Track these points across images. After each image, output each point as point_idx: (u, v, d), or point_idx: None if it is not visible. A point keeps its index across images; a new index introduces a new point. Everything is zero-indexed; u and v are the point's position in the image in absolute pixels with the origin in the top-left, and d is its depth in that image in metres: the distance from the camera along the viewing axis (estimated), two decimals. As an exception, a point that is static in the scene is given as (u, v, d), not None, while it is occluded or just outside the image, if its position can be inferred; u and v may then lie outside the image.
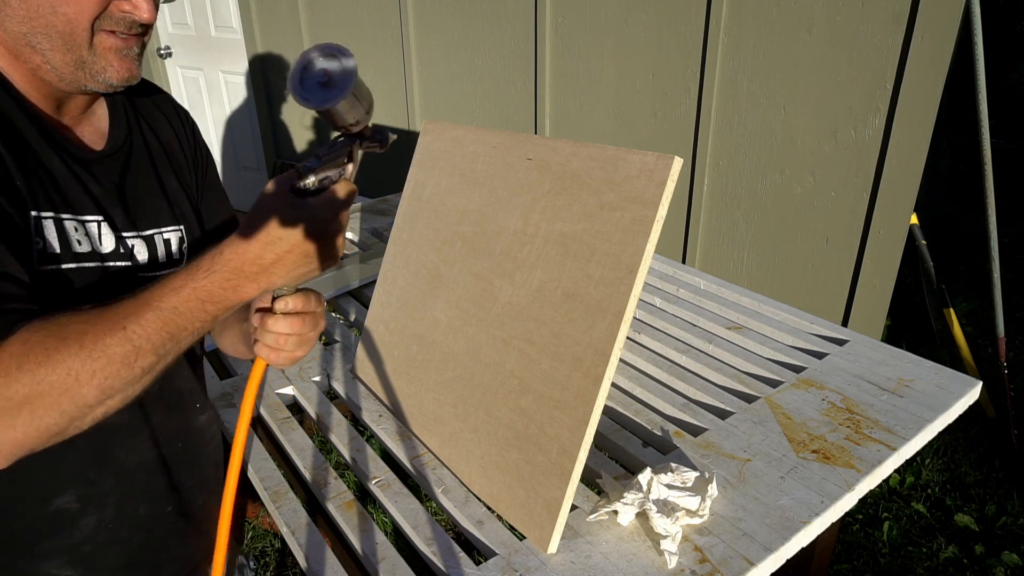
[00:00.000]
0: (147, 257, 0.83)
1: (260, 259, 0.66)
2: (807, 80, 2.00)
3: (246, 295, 0.68)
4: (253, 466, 1.13)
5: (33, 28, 0.68)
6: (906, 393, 1.23)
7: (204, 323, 0.67)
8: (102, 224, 0.77)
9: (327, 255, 0.70)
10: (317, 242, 0.68)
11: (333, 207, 0.68)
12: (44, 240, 0.70)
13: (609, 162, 0.95)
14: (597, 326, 0.90)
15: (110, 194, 0.80)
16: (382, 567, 0.93)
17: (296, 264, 0.68)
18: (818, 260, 2.16)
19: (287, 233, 0.66)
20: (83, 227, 0.75)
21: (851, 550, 1.97)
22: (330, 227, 0.68)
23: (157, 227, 0.85)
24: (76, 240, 0.73)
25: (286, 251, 0.67)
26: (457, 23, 2.87)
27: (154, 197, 0.86)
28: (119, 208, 0.80)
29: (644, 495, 0.96)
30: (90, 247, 0.75)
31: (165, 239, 0.86)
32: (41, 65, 0.71)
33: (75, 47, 0.70)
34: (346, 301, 1.70)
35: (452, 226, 1.20)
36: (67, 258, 0.72)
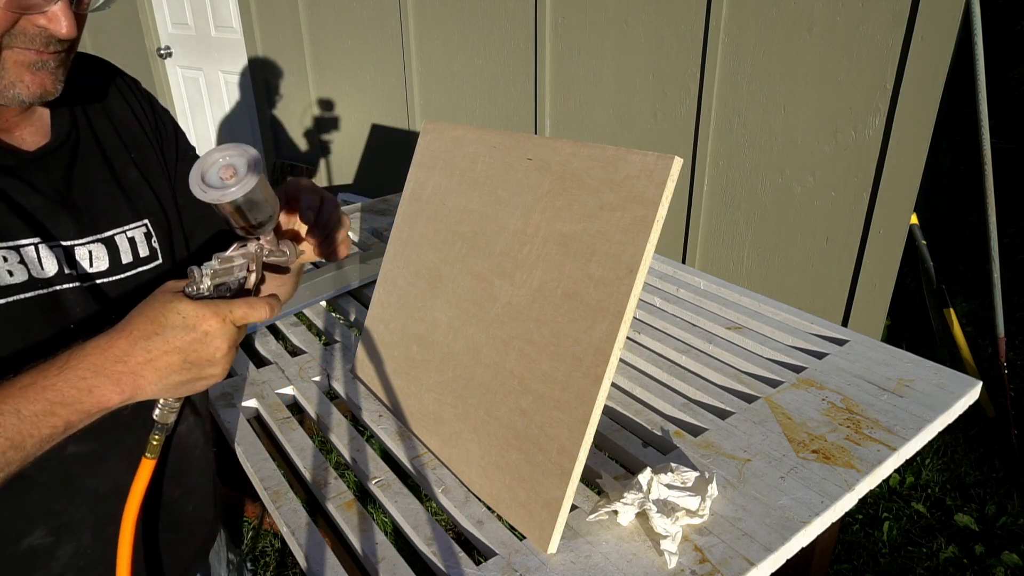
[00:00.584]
0: (108, 263, 0.75)
1: (127, 357, 0.58)
2: (807, 80, 2.00)
3: (105, 400, 0.59)
4: (253, 466, 1.13)
5: None
6: (906, 393, 1.23)
7: (55, 430, 0.58)
8: (40, 246, 0.69)
9: (211, 371, 0.62)
10: (201, 354, 0.60)
11: (223, 325, 0.60)
12: None
13: (609, 162, 0.95)
14: (597, 326, 0.90)
15: (51, 202, 0.71)
16: (382, 567, 0.93)
17: (171, 370, 0.60)
18: (818, 260, 2.16)
19: (166, 334, 0.58)
20: (16, 253, 0.67)
21: (851, 550, 1.97)
22: (217, 347, 0.60)
23: (117, 225, 0.77)
24: (6, 271, 0.65)
25: (161, 352, 0.59)
26: (457, 23, 2.87)
27: (109, 193, 0.78)
28: (66, 215, 0.72)
29: (644, 495, 0.96)
30: (26, 275, 0.67)
31: (129, 237, 0.78)
32: None
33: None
34: (346, 301, 1.70)
35: (452, 226, 1.20)
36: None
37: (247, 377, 1.37)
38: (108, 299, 0.75)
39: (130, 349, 0.58)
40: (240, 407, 1.28)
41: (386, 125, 3.42)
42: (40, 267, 0.68)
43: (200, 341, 0.59)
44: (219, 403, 1.28)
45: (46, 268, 0.69)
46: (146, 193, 0.82)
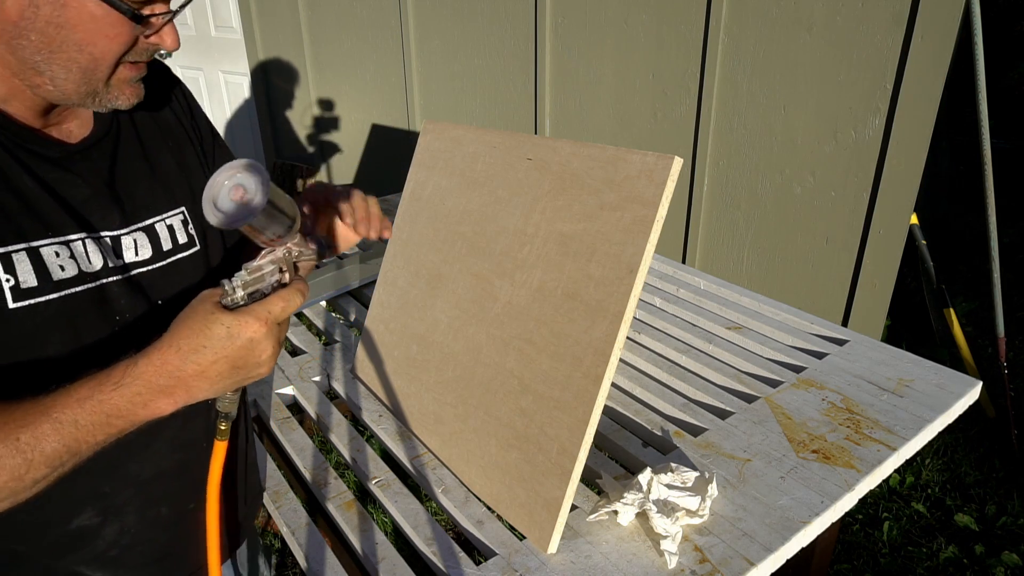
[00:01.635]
0: (151, 251, 0.79)
1: (179, 371, 0.61)
2: (807, 80, 2.00)
3: (159, 411, 0.63)
4: (253, 466, 1.14)
5: (51, 59, 0.65)
6: (906, 393, 1.23)
7: (109, 437, 0.62)
8: (86, 241, 0.72)
9: (260, 370, 0.65)
10: (249, 358, 0.63)
11: (266, 327, 0.62)
12: (15, 276, 0.65)
13: (609, 162, 0.95)
14: (597, 326, 0.90)
15: (97, 194, 0.75)
16: (382, 567, 0.93)
17: (221, 376, 0.63)
18: (818, 260, 2.16)
19: (212, 343, 0.61)
20: (67, 248, 0.70)
21: (851, 550, 1.97)
22: (263, 349, 0.63)
23: (156, 214, 0.80)
24: (59, 266, 0.69)
25: (210, 363, 0.61)
26: (457, 23, 2.87)
27: (148, 182, 0.81)
28: (111, 206, 0.76)
29: (644, 495, 0.96)
30: (76, 269, 0.70)
31: (168, 225, 0.81)
32: (43, 85, 0.67)
33: (93, 81, 0.68)
34: (346, 301, 1.70)
35: (452, 226, 1.20)
36: (48, 289, 0.67)
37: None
38: (151, 288, 0.78)
39: (182, 364, 0.61)
40: (240, 407, 1.28)
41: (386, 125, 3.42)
42: (88, 261, 0.71)
43: (246, 348, 0.62)
44: (219, 403, 1.28)
45: (93, 262, 0.72)
46: (182, 182, 0.85)
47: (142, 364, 0.61)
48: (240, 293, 0.63)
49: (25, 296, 0.66)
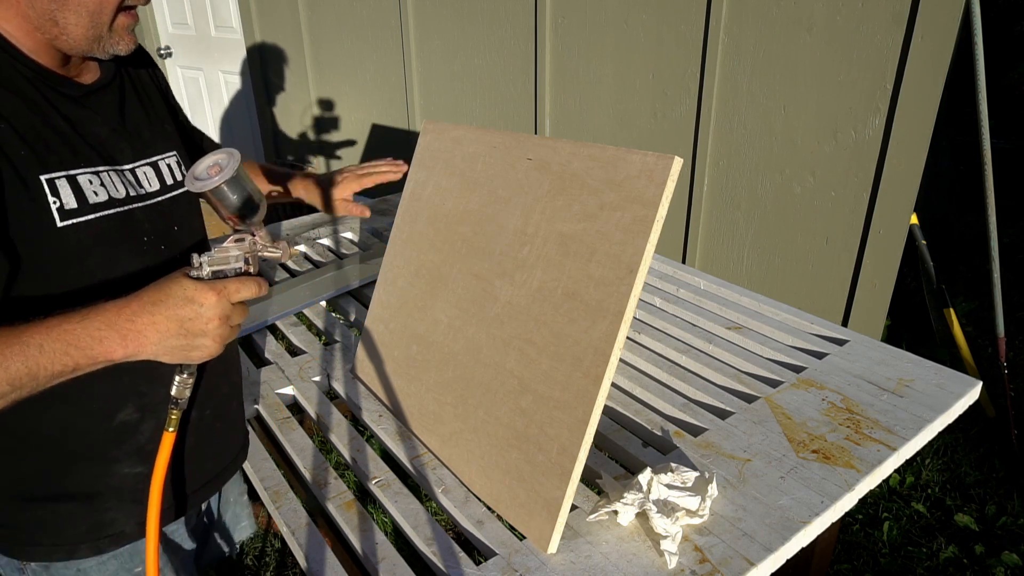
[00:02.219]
0: (158, 184, 0.90)
1: (136, 316, 0.68)
2: (807, 80, 2.00)
3: (111, 352, 0.69)
4: (253, 466, 1.14)
5: (64, 6, 0.75)
6: (906, 393, 1.23)
7: (65, 368, 0.68)
8: (110, 172, 0.83)
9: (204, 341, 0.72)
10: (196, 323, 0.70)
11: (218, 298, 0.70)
12: (60, 199, 0.76)
13: (609, 162, 0.95)
14: (597, 326, 0.90)
15: (115, 130, 0.86)
16: (382, 567, 0.93)
17: (168, 334, 0.70)
18: (818, 260, 2.16)
19: (168, 301, 0.68)
20: (97, 177, 0.80)
21: (851, 550, 1.97)
22: (210, 319, 0.70)
23: (158, 153, 0.92)
24: (93, 192, 0.79)
25: (163, 317, 0.69)
26: (457, 23, 2.87)
27: (147, 125, 0.93)
28: (124, 142, 0.87)
29: (644, 495, 0.96)
30: (107, 195, 0.81)
31: (167, 163, 0.93)
32: (58, 36, 0.77)
33: (99, 25, 0.78)
34: (346, 301, 1.70)
35: (452, 226, 1.20)
36: (86, 210, 0.78)
37: (247, 377, 1.37)
38: (166, 214, 0.90)
39: (139, 311, 0.68)
40: (240, 407, 1.28)
41: (386, 125, 3.41)
42: (115, 188, 0.82)
43: (195, 314, 0.69)
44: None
45: (119, 190, 0.83)
46: (171, 131, 0.98)
47: (109, 305, 0.69)
48: (206, 269, 0.71)
49: (68, 216, 0.76)
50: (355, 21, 3.29)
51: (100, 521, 0.90)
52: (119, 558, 0.94)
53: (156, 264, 0.87)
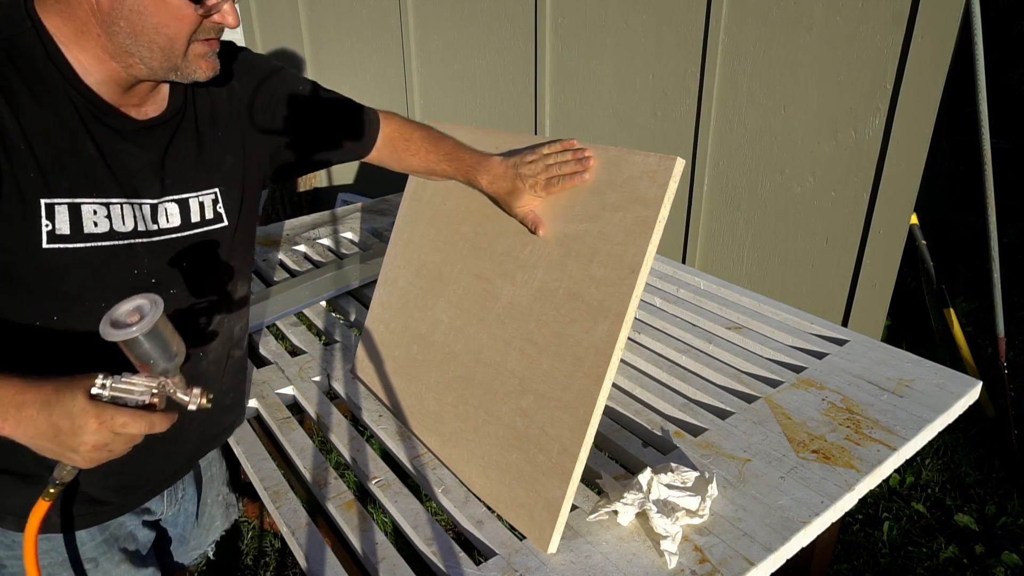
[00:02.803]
0: (180, 220, 0.92)
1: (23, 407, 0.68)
2: (807, 80, 2.00)
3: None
4: (253, 466, 1.13)
5: (137, 41, 0.79)
6: (906, 393, 1.23)
7: None
8: (124, 205, 0.85)
9: (73, 456, 0.70)
10: (69, 440, 0.68)
11: (98, 426, 0.68)
12: (54, 223, 0.79)
13: (611, 163, 0.95)
14: (598, 326, 0.90)
15: (149, 165, 0.88)
16: (382, 567, 0.93)
17: (42, 437, 0.69)
18: (818, 260, 2.16)
19: (56, 408, 0.67)
20: (105, 208, 0.83)
21: (851, 550, 1.97)
22: (84, 442, 0.68)
23: (192, 191, 0.94)
24: (92, 222, 0.82)
25: (44, 418, 0.68)
26: (457, 23, 2.87)
27: (193, 162, 0.94)
28: (156, 177, 0.89)
29: (644, 495, 0.96)
30: (108, 227, 0.83)
31: (200, 201, 0.95)
32: (135, 64, 0.81)
33: (172, 57, 0.81)
34: (346, 301, 1.70)
35: (453, 226, 1.20)
36: (78, 239, 0.81)
37: (247, 377, 1.37)
38: (175, 252, 0.92)
39: (29, 402, 0.69)
40: (240, 407, 1.28)
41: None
42: (122, 223, 0.85)
43: (72, 431, 0.68)
44: (219, 403, 1.28)
45: (126, 224, 0.85)
46: (223, 165, 0.98)
47: (12, 380, 0.69)
48: (106, 393, 0.69)
49: (57, 240, 0.79)
50: (355, 21, 3.29)
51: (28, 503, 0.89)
52: (51, 540, 0.96)
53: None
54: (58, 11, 0.78)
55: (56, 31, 0.79)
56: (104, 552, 1.02)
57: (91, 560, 1.00)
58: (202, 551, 1.29)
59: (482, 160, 1.10)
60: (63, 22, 0.79)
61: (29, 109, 0.77)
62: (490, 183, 1.09)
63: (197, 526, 1.23)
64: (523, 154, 1.06)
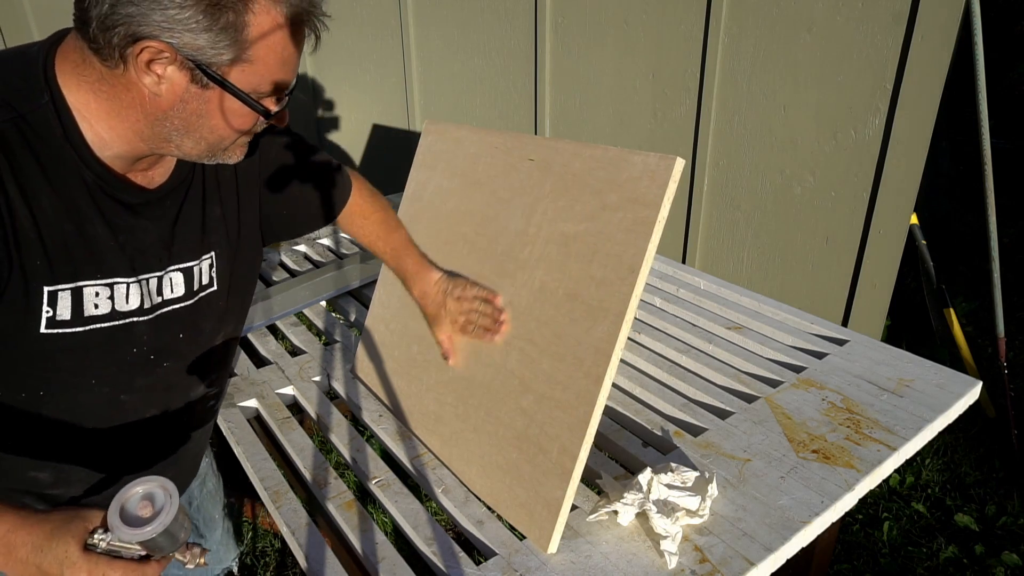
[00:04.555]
0: (184, 290, 0.88)
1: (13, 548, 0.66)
2: (807, 80, 2.00)
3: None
4: (253, 466, 1.13)
5: (184, 136, 0.74)
6: (906, 393, 1.23)
7: None
8: (130, 285, 0.81)
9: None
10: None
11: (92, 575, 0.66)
12: (55, 310, 0.75)
13: (611, 163, 0.95)
14: (598, 326, 0.90)
15: (161, 237, 0.84)
16: (382, 567, 0.93)
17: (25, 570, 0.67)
18: (818, 260, 2.16)
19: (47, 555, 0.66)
20: (109, 289, 0.79)
21: (851, 550, 1.98)
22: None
23: (194, 258, 0.89)
24: (94, 304, 0.78)
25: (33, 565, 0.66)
26: (457, 23, 2.87)
27: (196, 229, 0.89)
28: (164, 249, 0.85)
29: (644, 495, 0.96)
30: (109, 308, 0.79)
31: (200, 268, 0.90)
32: (168, 150, 0.76)
33: (215, 150, 0.78)
34: (346, 301, 1.70)
35: (453, 226, 1.20)
36: (78, 323, 0.77)
37: (247, 377, 1.37)
38: (175, 323, 0.88)
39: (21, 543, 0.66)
40: (240, 407, 1.28)
41: (386, 125, 3.41)
42: (125, 302, 0.81)
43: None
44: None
45: (130, 303, 0.82)
46: (220, 228, 0.93)
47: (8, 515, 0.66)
48: (102, 546, 0.67)
49: (56, 326, 0.75)
50: (355, 21, 3.29)
51: None
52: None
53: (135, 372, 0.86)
54: (91, 87, 0.72)
55: (81, 106, 0.72)
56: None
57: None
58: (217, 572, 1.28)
59: (421, 272, 1.17)
60: (95, 98, 0.72)
61: (40, 193, 0.72)
62: (421, 297, 1.17)
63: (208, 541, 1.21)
64: (458, 285, 1.13)
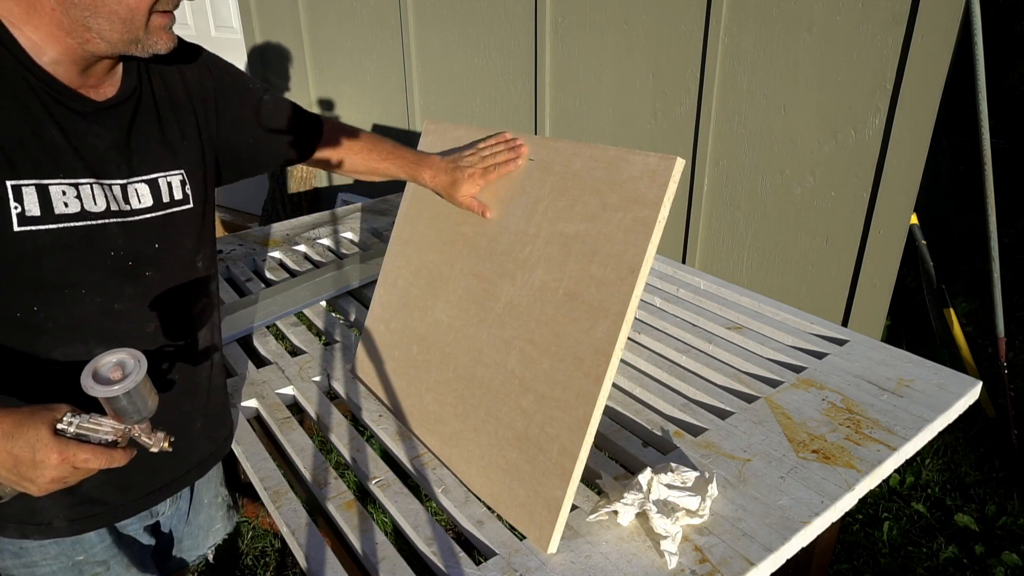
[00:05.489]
0: (152, 200, 0.91)
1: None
2: (807, 80, 2.00)
3: None
4: (253, 466, 1.13)
5: (96, 14, 0.77)
6: (906, 393, 1.23)
7: None
8: (93, 185, 0.84)
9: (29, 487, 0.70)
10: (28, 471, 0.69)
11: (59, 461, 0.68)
12: (23, 205, 0.77)
13: (611, 163, 0.95)
14: (598, 326, 0.90)
15: (115, 145, 0.87)
16: (382, 567, 0.93)
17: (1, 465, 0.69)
18: (818, 260, 2.16)
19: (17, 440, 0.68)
20: (74, 188, 0.82)
21: (851, 550, 1.97)
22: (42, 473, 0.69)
23: (159, 171, 0.93)
24: (63, 203, 0.81)
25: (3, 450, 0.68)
26: (457, 23, 2.87)
27: (156, 143, 0.93)
28: (123, 158, 0.88)
29: (644, 495, 0.96)
30: (79, 207, 0.82)
31: (168, 182, 0.94)
32: (92, 39, 0.79)
33: (133, 29, 0.80)
34: (346, 301, 1.70)
35: (453, 226, 1.20)
36: (49, 219, 0.79)
37: (247, 377, 1.37)
38: (149, 232, 0.91)
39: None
40: (240, 407, 1.28)
41: (386, 125, 3.41)
42: (93, 202, 0.84)
43: (32, 463, 0.69)
44: (219, 403, 1.28)
45: (97, 204, 0.84)
46: (183, 150, 0.97)
47: None
48: (71, 430, 0.70)
49: (28, 223, 0.78)
50: (355, 21, 3.29)
51: (30, 507, 0.91)
52: (60, 544, 0.95)
53: (120, 278, 0.88)
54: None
55: (6, 12, 0.76)
56: (114, 555, 1.01)
57: (102, 563, 1.00)
58: (200, 552, 1.28)
59: (423, 158, 1.21)
60: (14, 2, 0.76)
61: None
62: (433, 177, 1.18)
63: (189, 525, 1.22)
64: (462, 150, 1.18)
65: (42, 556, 0.95)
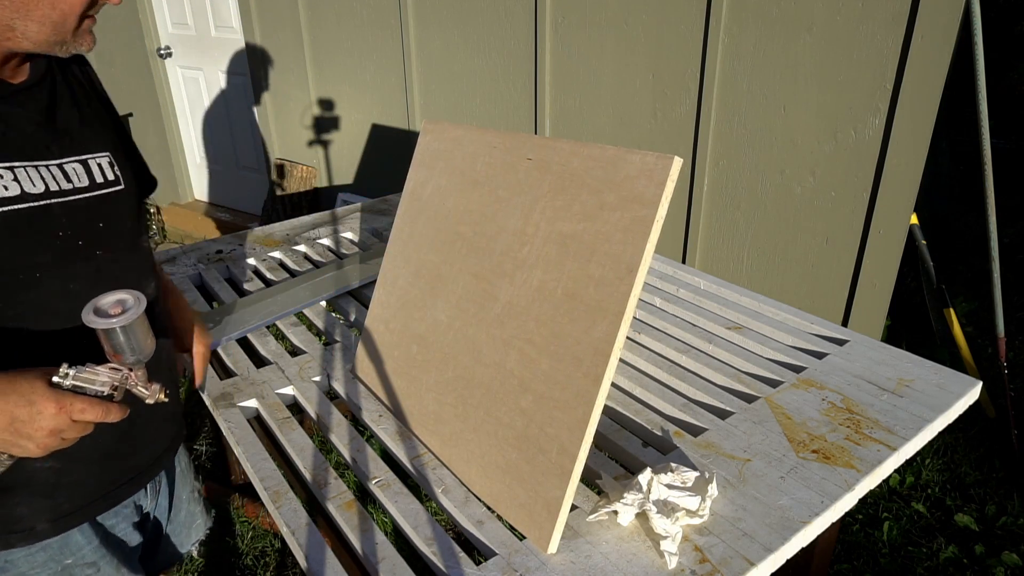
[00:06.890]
0: (87, 180, 0.91)
1: None
2: (807, 80, 2.00)
3: None
4: (253, 466, 1.13)
5: (26, 17, 0.77)
6: (906, 393, 1.23)
7: None
8: (28, 168, 0.83)
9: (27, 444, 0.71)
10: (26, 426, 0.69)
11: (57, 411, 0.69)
12: None
13: (609, 162, 0.95)
14: (597, 326, 0.90)
15: (42, 127, 0.87)
16: (382, 567, 0.93)
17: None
18: (818, 260, 2.16)
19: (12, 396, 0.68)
20: (11, 172, 0.81)
21: (851, 550, 1.97)
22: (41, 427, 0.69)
23: (88, 152, 0.93)
24: (2, 186, 0.80)
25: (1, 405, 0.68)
26: (457, 23, 2.87)
27: (79, 124, 0.93)
28: (52, 139, 0.88)
29: (644, 495, 0.96)
30: (19, 190, 0.81)
31: (98, 163, 0.94)
32: (14, 39, 0.78)
33: (63, 32, 0.80)
34: (346, 301, 1.70)
35: (452, 226, 1.20)
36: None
37: (247, 377, 1.37)
38: (91, 211, 0.91)
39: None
40: (240, 407, 1.28)
41: (386, 125, 3.41)
42: (32, 184, 0.83)
43: (29, 417, 0.69)
44: (219, 403, 1.28)
45: (36, 185, 0.84)
46: (104, 132, 0.98)
47: None
48: (68, 382, 0.71)
49: None
50: (355, 21, 3.29)
51: (10, 516, 0.90)
52: (47, 549, 0.95)
53: (72, 259, 0.88)
54: None
55: None
56: (103, 556, 1.01)
57: (91, 564, 1.00)
58: (185, 550, 1.27)
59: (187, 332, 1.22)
60: None
61: None
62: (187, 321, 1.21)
63: (172, 522, 1.22)
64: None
65: (30, 565, 0.94)
